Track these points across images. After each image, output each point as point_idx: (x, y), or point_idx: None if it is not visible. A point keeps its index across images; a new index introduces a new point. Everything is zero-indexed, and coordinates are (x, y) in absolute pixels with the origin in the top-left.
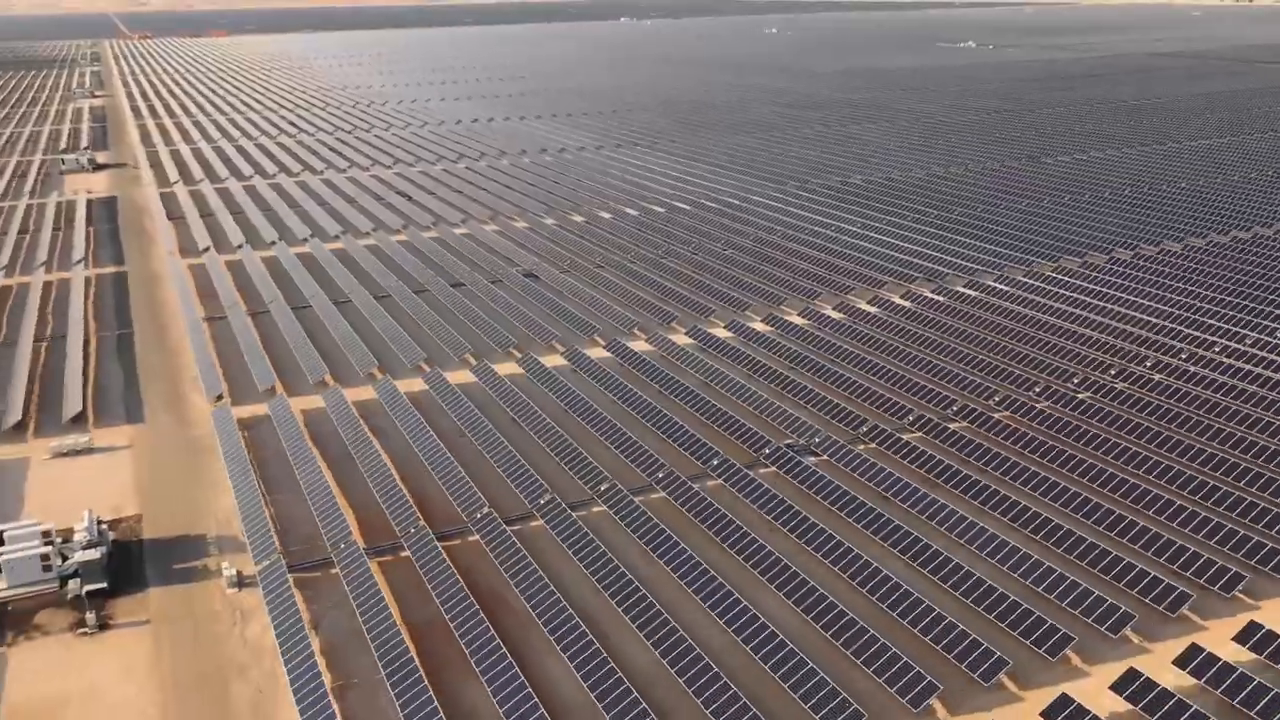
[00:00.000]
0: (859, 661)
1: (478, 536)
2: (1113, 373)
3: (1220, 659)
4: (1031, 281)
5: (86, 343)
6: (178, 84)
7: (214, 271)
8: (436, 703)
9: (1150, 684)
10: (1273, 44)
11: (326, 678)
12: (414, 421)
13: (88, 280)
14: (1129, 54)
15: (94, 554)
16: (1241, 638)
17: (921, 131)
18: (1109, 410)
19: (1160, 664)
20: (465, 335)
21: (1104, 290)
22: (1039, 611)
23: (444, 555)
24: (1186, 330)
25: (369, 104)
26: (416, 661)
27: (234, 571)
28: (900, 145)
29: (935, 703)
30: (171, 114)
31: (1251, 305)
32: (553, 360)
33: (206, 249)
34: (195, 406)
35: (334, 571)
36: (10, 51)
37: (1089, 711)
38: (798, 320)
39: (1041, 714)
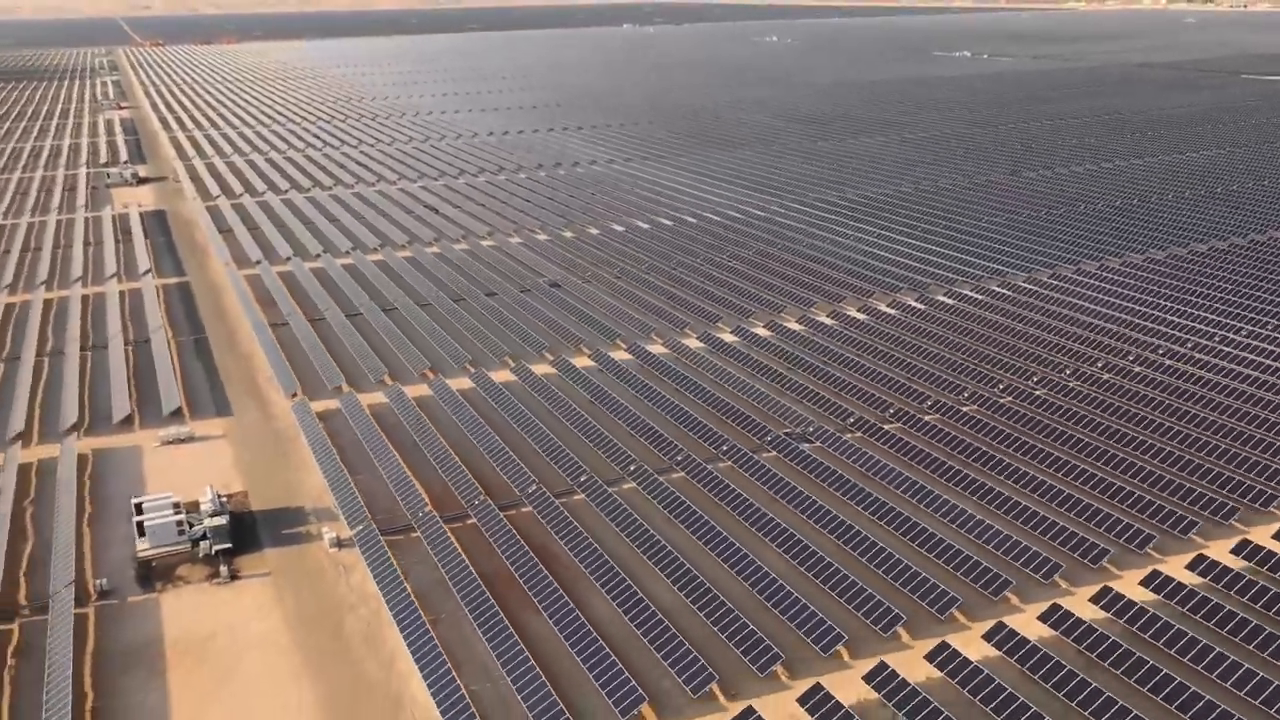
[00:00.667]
0: (840, 598)
1: (530, 507)
2: (1068, 372)
3: (1076, 616)
4: (1003, 291)
5: (167, 346)
6: (201, 95)
7: (268, 281)
8: (511, 629)
9: (1015, 634)
10: (1261, 54)
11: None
12: (467, 414)
13: (157, 290)
14: (1114, 65)
15: (221, 520)
16: (1097, 598)
17: (913, 146)
18: (1060, 405)
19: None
20: (503, 340)
21: (1067, 299)
22: (985, 562)
23: (505, 520)
24: (1134, 334)
25: (388, 116)
26: (492, 600)
27: (333, 535)
28: (892, 159)
29: (901, 630)
30: (199, 126)
31: (1190, 313)
32: (581, 361)
33: (259, 261)
34: (274, 402)
35: (414, 535)
36: (27, 59)
37: (1019, 633)
38: (795, 326)
39: (984, 637)
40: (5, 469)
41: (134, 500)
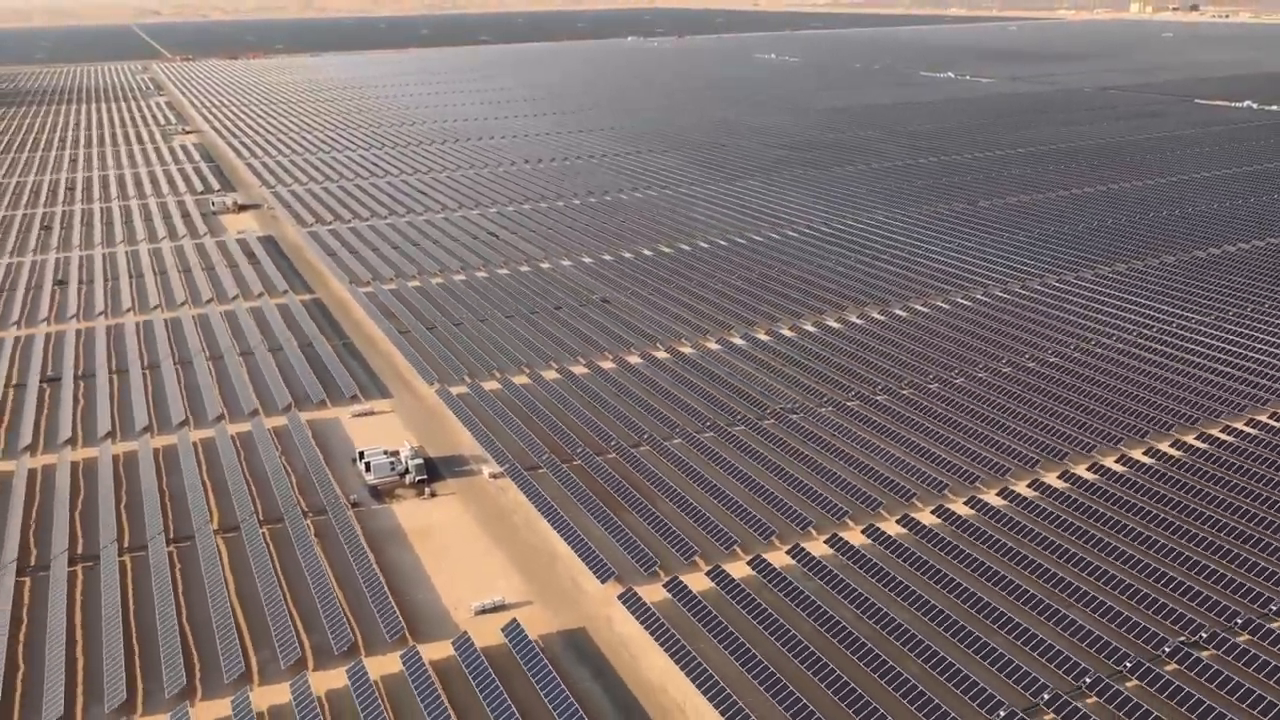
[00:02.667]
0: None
1: (613, 454)
2: (982, 366)
3: None
4: (972, 302)
5: (329, 348)
6: (258, 119)
7: (383, 297)
8: (613, 515)
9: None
10: (1221, 75)
11: None
12: (558, 394)
13: (301, 304)
14: (1081, 88)
15: (419, 460)
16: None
17: (891, 177)
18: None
19: None
20: (574, 342)
21: (1012, 310)
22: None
23: (600, 461)
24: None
25: (443, 141)
26: (602, 505)
27: (489, 471)
28: (869, 190)
29: None
30: (266, 152)
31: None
32: (633, 359)
33: (369, 280)
34: (419, 387)
35: (541, 471)
36: (69, 76)
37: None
38: (809, 328)
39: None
40: (284, 426)
41: (358, 449)
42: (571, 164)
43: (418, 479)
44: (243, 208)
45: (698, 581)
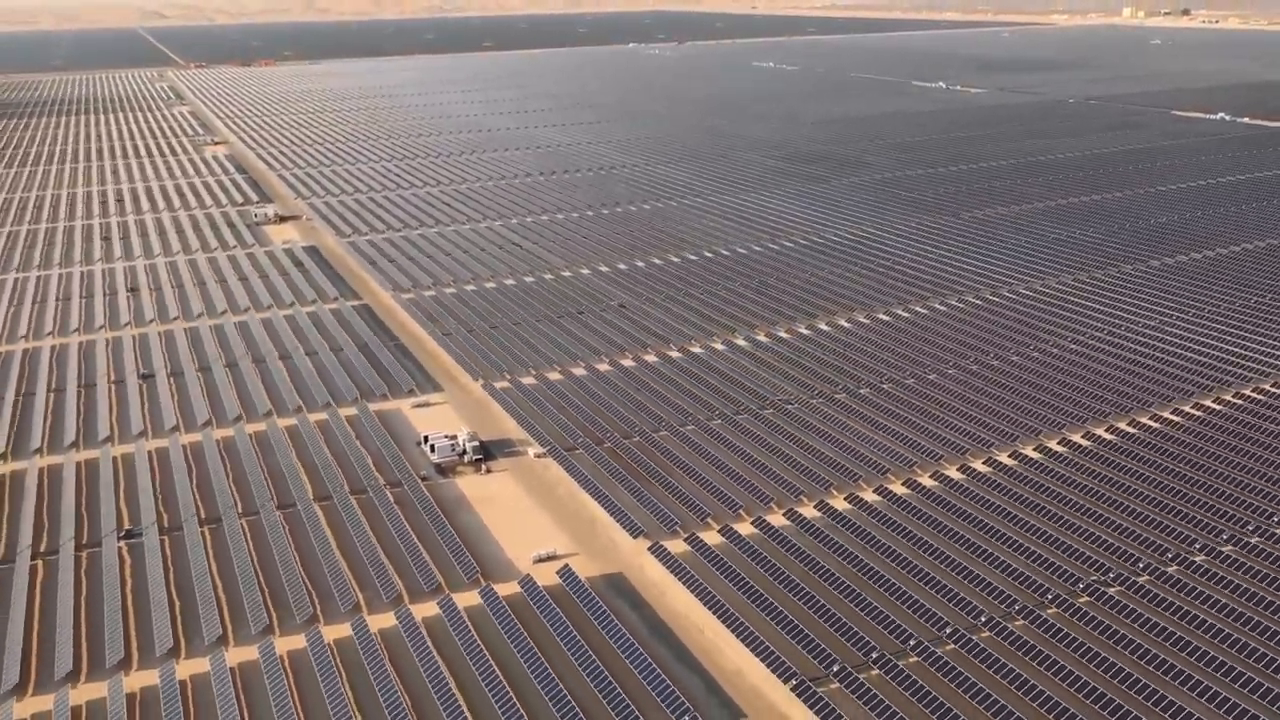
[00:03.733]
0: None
1: (648, 434)
2: (945, 367)
3: None
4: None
5: (384, 348)
6: (282, 129)
7: (425, 303)
8: (639, 486)
9: None
10: (1200, 87)
11: None
12: (590, 389)
13: (352, 309)
14: (1066, 99)
15: (475, 442)
16: None
17: (883, 189)
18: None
19: None
20: (609, 340)
21: (985, 315)
22: None
23: (629, 445)
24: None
25: (461, 154)
26: (631, 478)
27: (533, 451)
28: (860, 202)
29: None
30: (295, 164)
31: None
32: (650, 357)
33: (410, 287)
34: (465, 382)
35: (578, 451)
36: (86, 83)
37: None
38: (803, 330)
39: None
40: (355, 415)
41: (421, 434)
42: (583, 175)
43: (475, 458)
44: (282, 219)
45: (711, 538)
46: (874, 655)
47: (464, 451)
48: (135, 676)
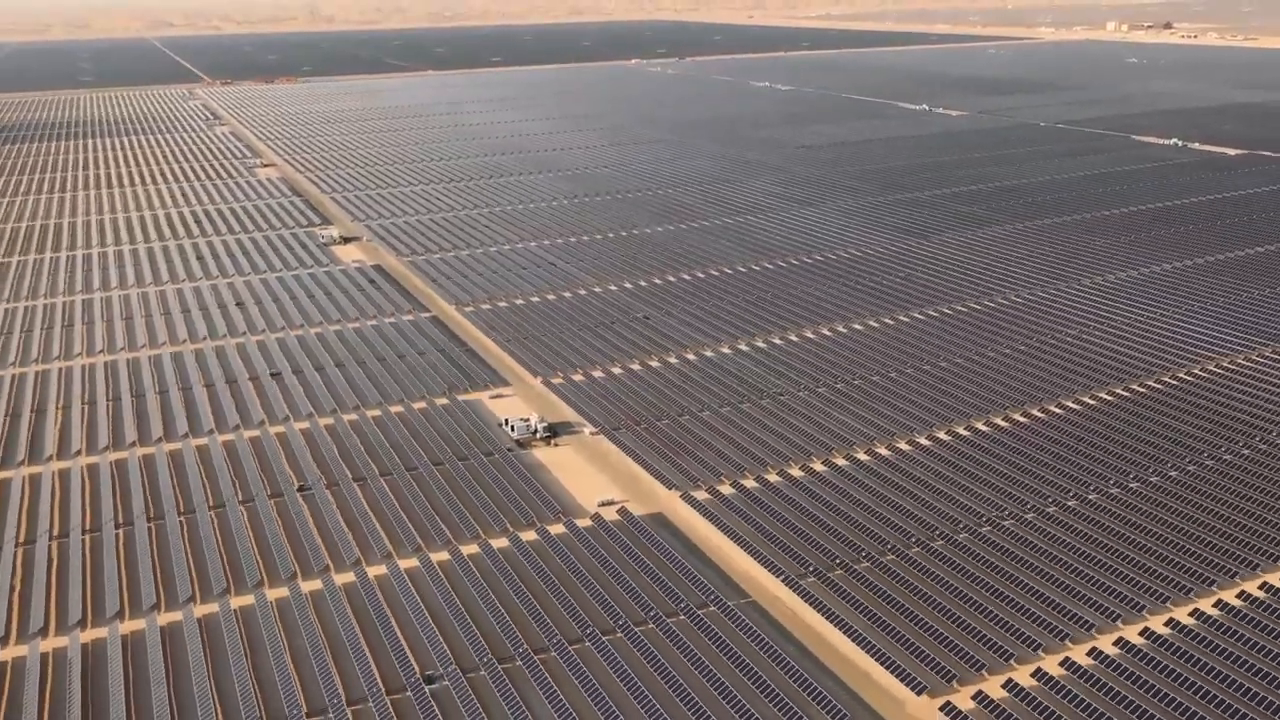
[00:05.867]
0: None
1: (684, 417)
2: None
3: None
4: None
5: (460, 352)
6: (322, 149)
7: (483, 315)
8: (667, 453)
9: None
10: (1172, 109)
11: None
12: (640, 381)
13: (425, 320)
14: (1038, 123)
15: (545, 423)
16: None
17: (855, 213)
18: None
19: None
20: (636, 345)
21: (905, 341)
22: None
23: (669, 423)
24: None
25: (488, 177)
26: (664, 450)
27: (590, 430)
28: (845, 226)
29: None
30: (343, 188)
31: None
32: (690, 355)
33: (471, 302)
34: (529, 380)
35: (623, 430)
36: (116, 100)
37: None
38: (792, 338)
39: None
40: (448, 404)
41: (502, 418)
42: (601, 200)
43: (544, 435)
44: (345, 240)
45: (725, 489)
46: (838, 560)
47: (536, 430)
48: (341, 575)
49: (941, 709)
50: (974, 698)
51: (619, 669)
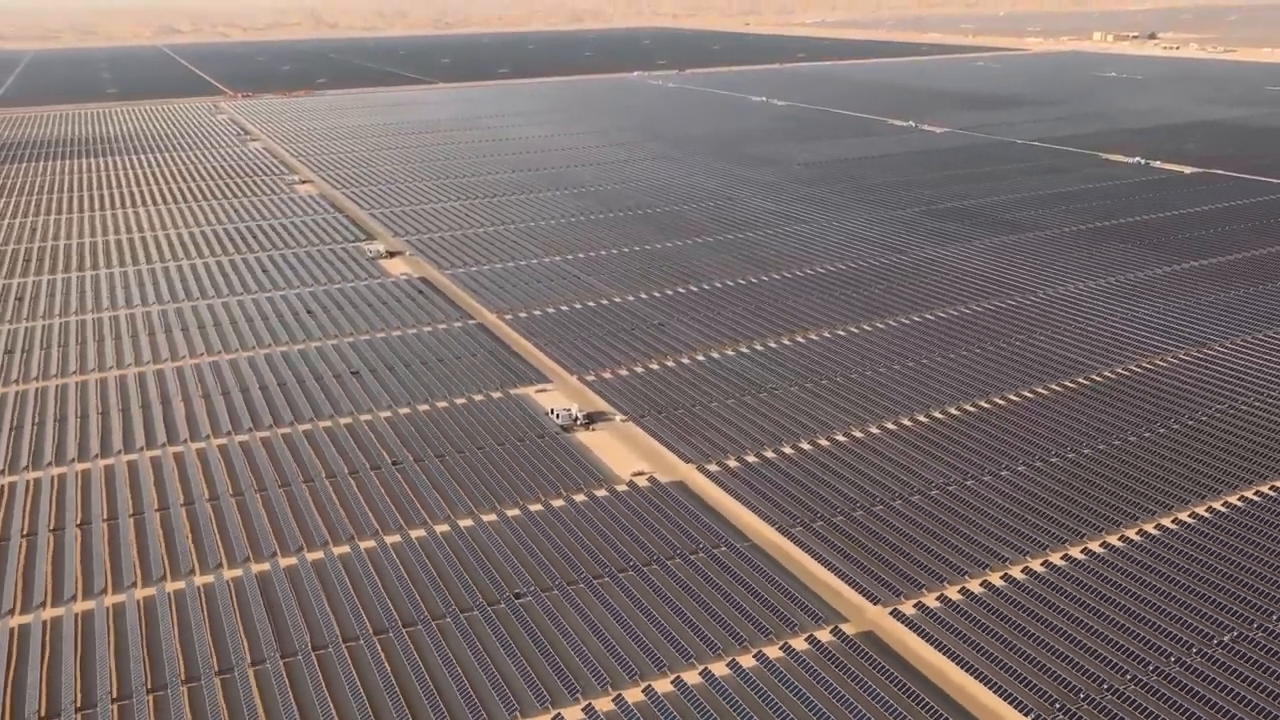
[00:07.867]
0: None
1: (689, 409)
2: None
3: None
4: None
5: (508, 355)
6: (352, 165)
7: (521, 322)
8: (686, 435)
9: None
10: (1144, 126)
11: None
12: (654, 379)
13: (473, 326)
14: (1014, 141)
15: (584, 412)
16: None
17: (843, 230)
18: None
19: None
20: (652, 349)
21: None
22: None
23: (698, 410)
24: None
25: (510, 194)
26: (685, 434)
27: (620, 418)
28: (838, 243)
29: None
30: (380, 203)
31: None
32: (699, 358)
33: (509, 311)
34: (566, 377)
35: (648, 417)
36: (143, 113)
37: None
38: (785, 341)
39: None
40: (502, 397)
41: (548, 407)
42: (614, 217)
43: (584, 422)
44: (390, 254)
45: (732, 462)
46: (819, 514)
47: (576, 418)
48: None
49: (890, 613)
50: (915, 605)
51: (656, 589)
